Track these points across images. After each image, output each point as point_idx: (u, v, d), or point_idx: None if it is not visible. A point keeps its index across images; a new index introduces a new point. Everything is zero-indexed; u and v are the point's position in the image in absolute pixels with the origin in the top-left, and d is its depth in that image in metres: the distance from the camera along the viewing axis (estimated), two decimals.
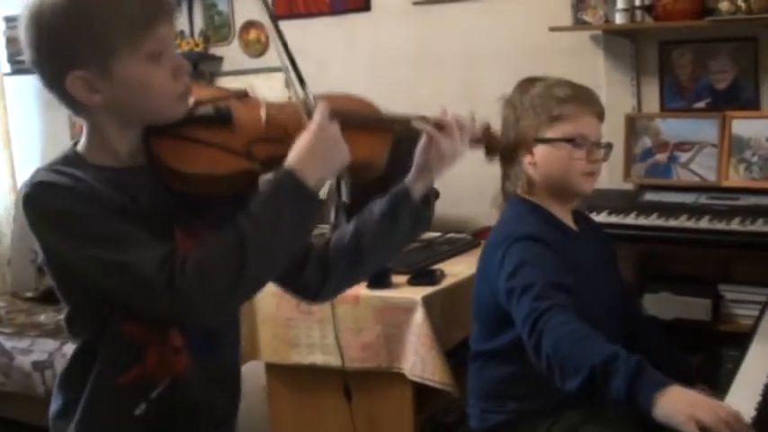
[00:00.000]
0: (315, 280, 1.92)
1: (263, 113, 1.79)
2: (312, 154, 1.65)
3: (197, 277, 1.54)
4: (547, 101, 2.58)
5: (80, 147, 1.71)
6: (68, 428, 1.75)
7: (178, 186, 1.67)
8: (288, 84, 1.84)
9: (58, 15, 1.58)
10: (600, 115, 2.64)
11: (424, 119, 1.88)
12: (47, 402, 1.85)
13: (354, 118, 1.81)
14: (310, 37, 4.68)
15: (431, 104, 4.27)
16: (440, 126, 1.86)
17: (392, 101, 4.42)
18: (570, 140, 2.56)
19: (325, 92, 1.87)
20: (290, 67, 1.85)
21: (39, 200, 1.60)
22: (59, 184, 1.59)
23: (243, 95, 1.85)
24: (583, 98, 2.61)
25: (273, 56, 4.72)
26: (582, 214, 2.81)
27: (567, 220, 2.67)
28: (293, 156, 1.65)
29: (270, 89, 4.58)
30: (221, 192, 1.70)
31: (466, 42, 4.37)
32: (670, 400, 1.95)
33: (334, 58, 4.62)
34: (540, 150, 2.58)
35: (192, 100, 1.74)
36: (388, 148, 1.84)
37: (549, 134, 2.56)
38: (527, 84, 2.68)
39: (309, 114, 1.72)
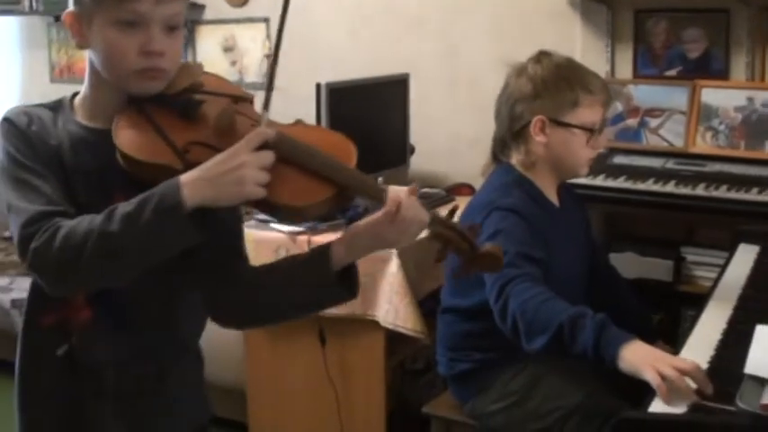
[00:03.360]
0: (208, 298, 1.85)
1: (218, 118, 1.71)
2: (207, 176, 1.58)
3: (44, 244, 1.58)
4: (570, 85, 2.58)
5: (77, 97, 1.82)
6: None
7: (119, 158, 1.67)
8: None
9: None
10: (608, 104, 2.69)
11: (383, 196, 1.66)
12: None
13: (300, 158, 1.66)
14: None
15: (412, 61, 4.36)
16: (394, 214, 1.65)
17: (374, 57, 4.53)
18: (589, 129, 2.60)
19: (305, 123, 1.80)
20: (267, 85, 1.76)
21: (1, 131, 1.74)
22: (15, 124, 1.73)
23: (244, 99, 1.82)
24: (601, 88, 2.64)
25: (255, 6, 4.78)
26: (566, 186, 2.83)
27: (552, 194, 2.71)
28: (191, 171, 1.59)
29: (251, 39, 4.68)
30: (145, 176, 1.65)
31: (446, 2, 4.37)
32: (634, 353, 2.07)
33: (318, 13, 4.61)
34: (554, 132, 2.60)
35: (186, 83, 1.75)
36: (325, 203, 1.66)
37: (569, 119, 2.58)
38: (545, 58, 2.66)
39: None
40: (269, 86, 1.76)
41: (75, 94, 1.82)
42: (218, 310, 1.87)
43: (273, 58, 1.77)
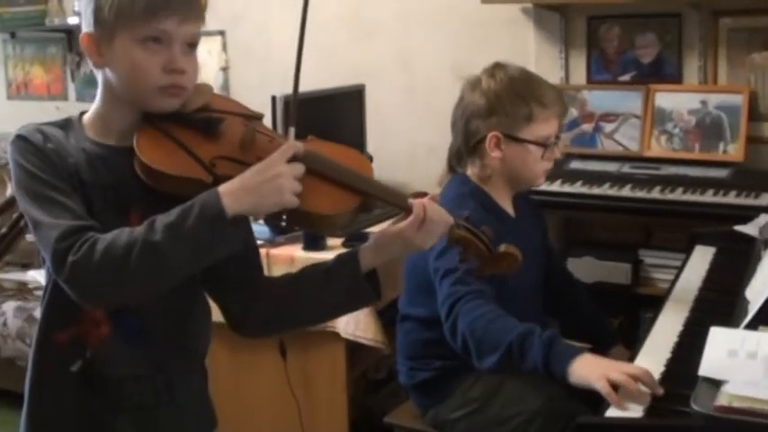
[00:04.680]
0: (238, 308, 1.90)
1: (246, 135, 1.78)
2: (244, 184, 1.65)
3: (83, 258, 1.60)
4: (524, 99, 2.57)
5: (85, 115, 1.84)
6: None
7: (140, 172, 1.71)
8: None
9: None
10: (563, 115, 2.69)
11: (411, 204, 1.78)
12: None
13: (326, 170, 1.75)
14: (250, 4, 4.71)
15: (367, 70, 4.36)
16: (422, 219, 1.77)
17: (329, 66, 4.51)
18: (544, 144, 2.60)
19: (318, 139, 1.87)
20: (292, 100, 1.84)
21: (13, 149, 1.75)
22: (31, 141, 1.73)
23: (254, 118, 1.88)
24: (555, 100, 2.63)
25: (211, 19, 4.76)
26: (522, 195, 2.82)
27: (507, 205, 2.71)
28: (229, 182, 1.65)
29: (208, 52, 4.67)
30: (172, 190, 1.70)
31: (400, 10, 4.39)
32: (583, 365, 2.09)
33: (273, 25, 4.61)
34: (510, 148, 2.59)
35: (200, 102, 1.80)
36: (350, 210, 1.76)
37: (524, 134, 2.57)
38: (499, 71, 2.64)
39: None
40: (294, 101, 1.84)
41: (83, 113, 1.85)
42: (246, 322, 1.92)
43: (296, 72, 1.85)
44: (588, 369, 2.07)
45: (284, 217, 1.71)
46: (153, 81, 1.72)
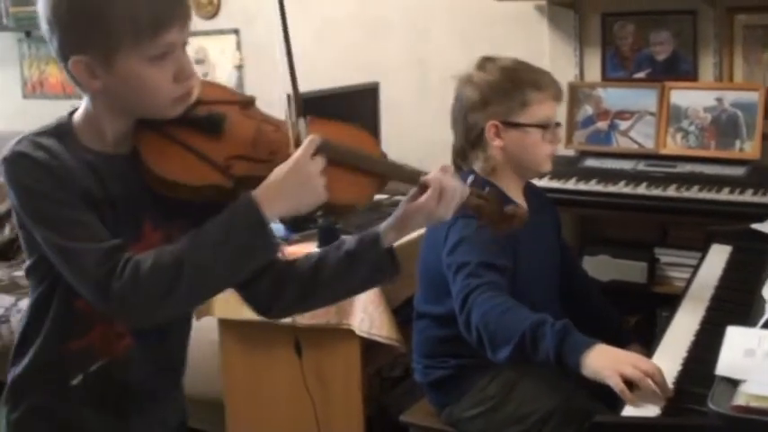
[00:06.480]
0: (265, 296, 1.90)
1: (254, 130, 1.76)
2: (280, 189, 1.63)
3: (130, 282, 1.56)
4: (517, 85, 2.60)
5: (75, 118, 1.74)
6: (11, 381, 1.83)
7: (151, 183, 1.67)
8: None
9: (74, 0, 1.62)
10: (559, 97, 2.70)
11: (426, 180, 1.81)
12: (4, 356, 1.91)
13: (345, 158, 1.75)
14: (264, 3, 4.70)
15: (381, 68, 4.37)
16: (440, 192, 1.80)
17: (343, 64, 4.52)
18: (542, 126, 2.61)
19: (327, 120, 1.84)
20: (293, 95, 1.80)
21: (13, 169, 1.64)
22: (35, 159, 1.62)
23: (249, 103, 1.84)
24: (549, 83, 2.64)
25: (225, 18, 4.78)
26: (533, 188, 2.84)
27: (518, 197, 2.70)
28: (262, 185, 1.63)
29: (221, 51, 4.67)
30: (190, 198, 1.68)
31: (414, 8, 4.40)
32: (595, 357, 2.08)
33: (287, 21, 4.62)
34: (509, 134, 2.61)
35: (194, 97, 1.73)
36: (373, 194, 1.80)
37: (521, 119, 2.59)
38: (489, 63, 2.67)
39: (298, 144, 1.69)
40: (296, 94, 1.81)
41: (72, 114, 1.75)
42: (272, 307, 1.93)
43: (289, 64, 1.83)
44: (601, 362, 2.06)
45: (318, 213, 1.73)
46: (168, 95, 1.67)
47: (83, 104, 1.74)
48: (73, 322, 1.73)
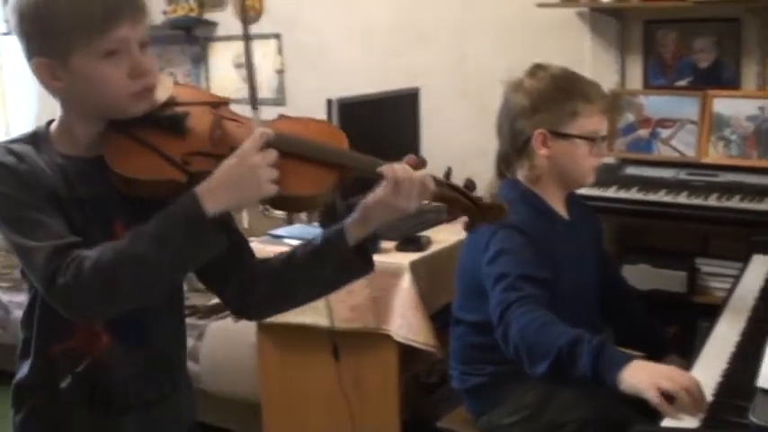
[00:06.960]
0: (236, 294, 1.91)
1: (214, 126, 1.76)
2: (222, 181, 1.63)
3: (72, 278, 1.58)
4: (567, 95, 2.57)
5: (52, 126, 1.80)
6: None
7: (114, 182, 1.69)
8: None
9: (28, 4, 1.67)
10: (607, 111, 2.67)
11: (381, 171, 1.76)
12: None
13: (299, 150, 1.73)
14: (306, 7, 4.74)
15: (422, 74, 4.38)
16: (395, 183, 1.75)
17: (384, 70, 4.54)
18: (590, 138, 2.58)
19: (288, 115, 1.86)
20: (249, 90, 1.81)
21: None
22: (3, 163, 1.69)
23: (221, 104, 1.85)
24: (599, 96, 2.62)
25: (267, 22, 4.81)
26: (575, 198, 2.81)
27: (560, 207, 2.69)
28: (206, 181, 1.64)
29: (263, 55, 4.71)
30: (150, 195, 1.69)
31: (455, 15, 4.41)
32: (633, 373, 2.06)
33: (329, 28, 4.66)
34: (556, 144, 2.58)
35: (164, 97, 1.76)
36: (332, 185, 1.75)
37: (570, 129, 2.57)
38: (540, 71, 2.65)
39: None
40: (251, 88, 1.78)
41: (50, 123, 1.81)
42: (245, 306, 1.93)
43: (248, 64, 1.81)
44: (638, 377, 2.04)
45: (267, 207, 1.71)
46: (123, 91, 1.69)
47: (58, 116, 1.79)
48: (57, 323, 1.74)
